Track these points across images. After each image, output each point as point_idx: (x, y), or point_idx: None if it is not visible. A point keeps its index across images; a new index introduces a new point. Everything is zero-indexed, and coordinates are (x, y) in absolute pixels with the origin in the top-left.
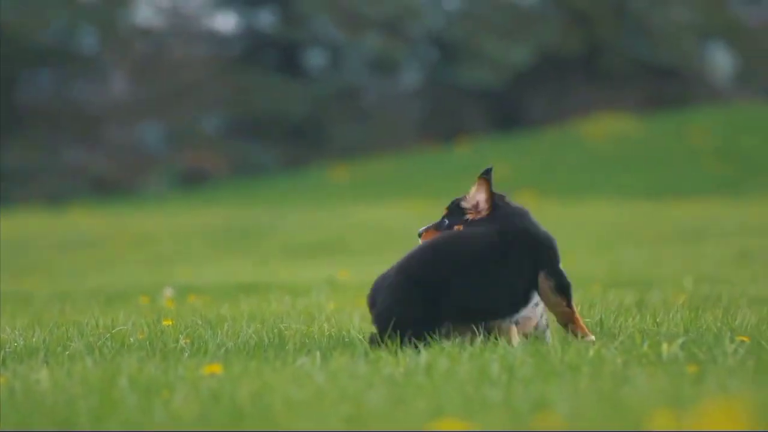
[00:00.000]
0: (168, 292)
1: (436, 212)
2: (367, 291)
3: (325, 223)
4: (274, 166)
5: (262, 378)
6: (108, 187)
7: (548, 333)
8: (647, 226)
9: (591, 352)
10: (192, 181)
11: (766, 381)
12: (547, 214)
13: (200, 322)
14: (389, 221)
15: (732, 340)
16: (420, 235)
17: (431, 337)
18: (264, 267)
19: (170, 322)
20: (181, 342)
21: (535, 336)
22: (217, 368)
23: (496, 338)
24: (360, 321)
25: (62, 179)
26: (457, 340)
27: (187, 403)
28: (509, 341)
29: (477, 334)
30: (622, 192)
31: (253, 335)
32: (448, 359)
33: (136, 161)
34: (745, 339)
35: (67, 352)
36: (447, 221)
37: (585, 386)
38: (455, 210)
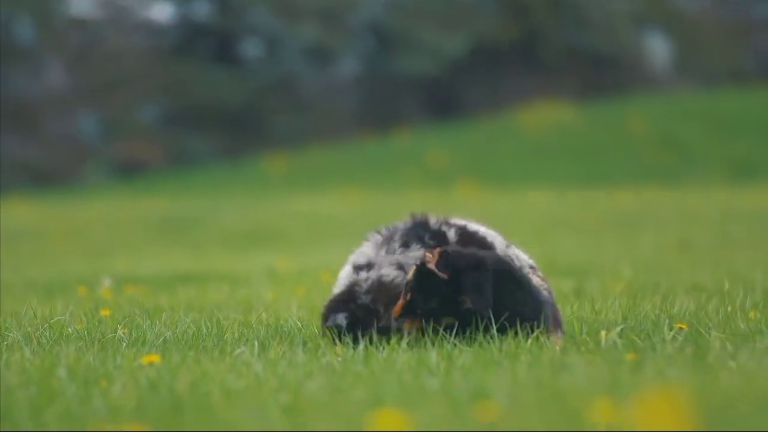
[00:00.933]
0: (106, 282)
1: (374, 202)
2: (305, 279)
3: (263, 213)
4: (212, 156)
5: (200, 367)
6: (46, 178)
7: None
8: (585, 214)
9: (529, 341)
10: (129, 172)
11: (704, 367)
12: (486, 203)
13: (138, 312)
14: (327, 211)
15: (670, 328)
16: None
17: None
18: (202, 257)
19: (108, 312)
20: (119, 332)
21: None
22: (155, 358)
23: None
24: (298, 310)
25: None
26: None
27: (126, 392)
28: None
29: None
30: (560, 180)
31: (192, 325)
32: (386, 348)
33: (73, 152)
34: (683, 326)
35: (5, 343)
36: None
37: (524, 375)
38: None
